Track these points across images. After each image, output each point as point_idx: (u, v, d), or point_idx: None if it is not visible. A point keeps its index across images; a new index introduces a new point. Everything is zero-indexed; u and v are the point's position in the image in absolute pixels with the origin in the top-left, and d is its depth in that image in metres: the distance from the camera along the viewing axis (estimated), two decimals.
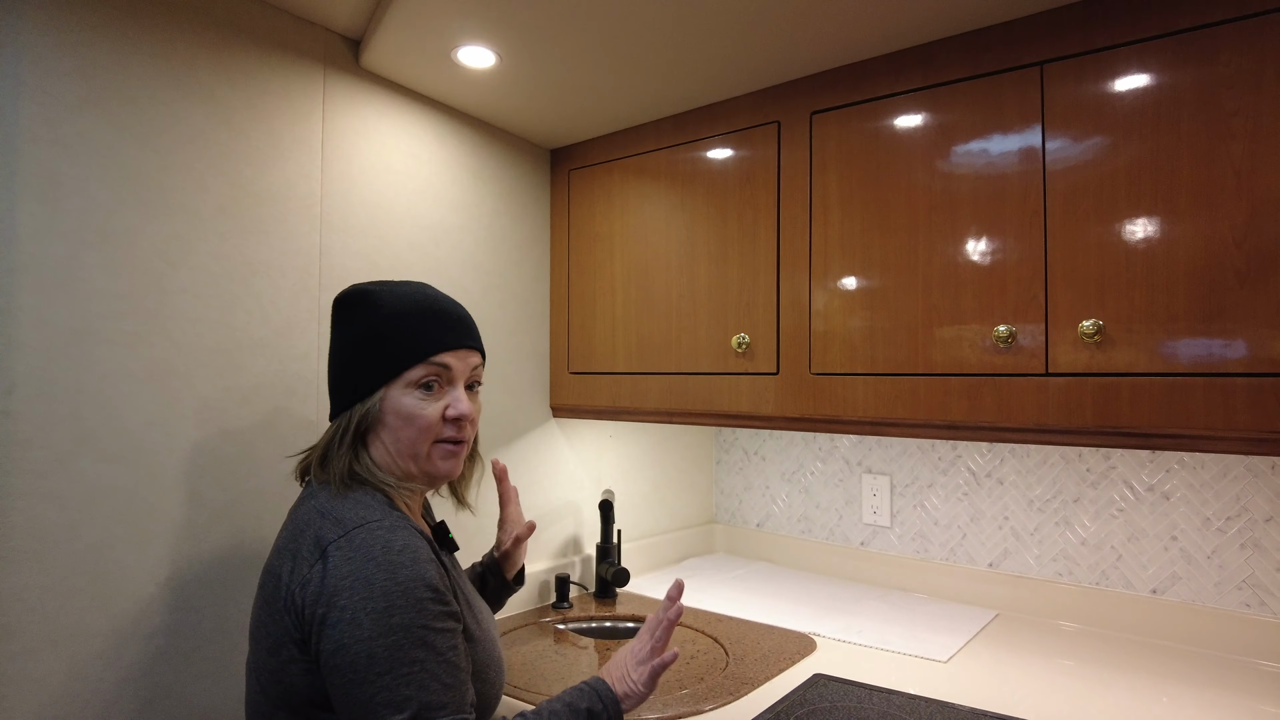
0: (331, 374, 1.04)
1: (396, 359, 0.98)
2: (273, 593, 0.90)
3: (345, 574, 0.85)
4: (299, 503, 0.99)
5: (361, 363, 0.99)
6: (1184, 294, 1.08)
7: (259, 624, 0.92)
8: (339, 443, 0.98)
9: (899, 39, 1.31)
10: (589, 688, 0.97)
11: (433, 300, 1.04)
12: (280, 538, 0.97)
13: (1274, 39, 1.03)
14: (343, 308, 1.04)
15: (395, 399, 0.99)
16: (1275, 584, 1.45)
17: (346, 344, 1.02)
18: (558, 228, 1.88)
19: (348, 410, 1.00)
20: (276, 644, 0.88)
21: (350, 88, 1.44)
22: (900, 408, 1.33)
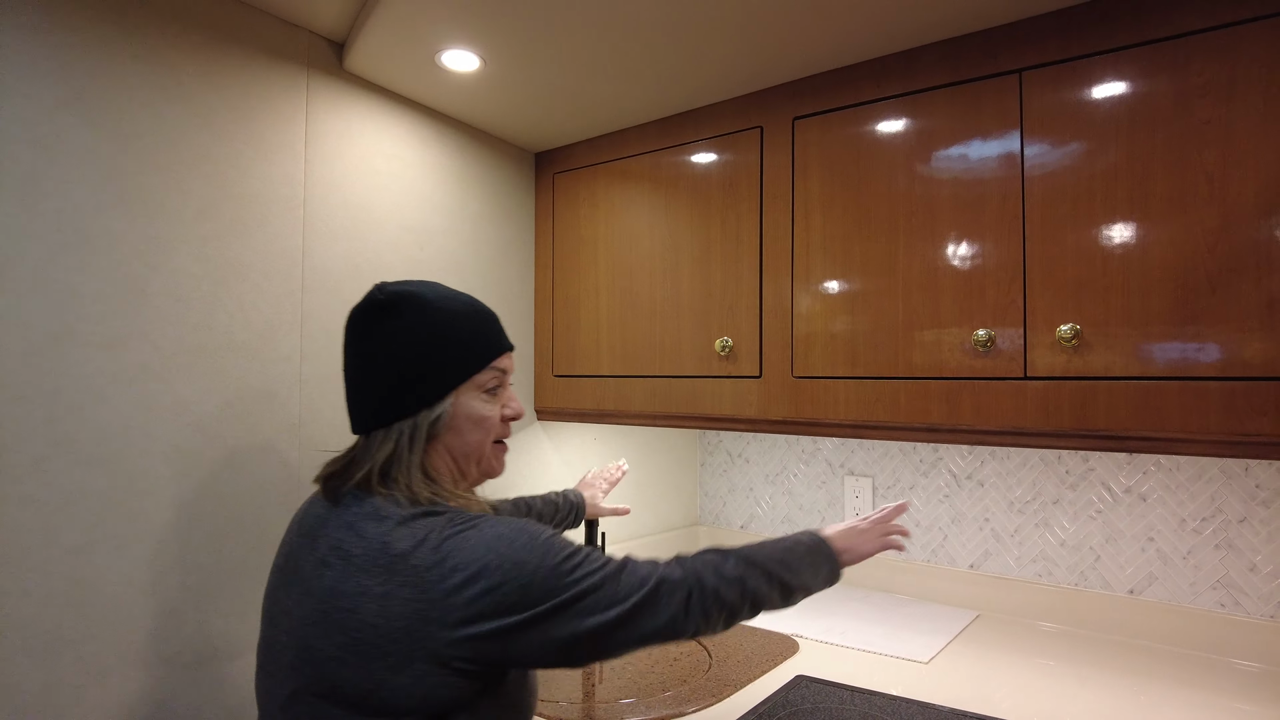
0: (379, 380, 0.95)
1: (466, 363, 0.96)
2: (378, 618, 0.81)
3: (487, 547, 0.83)
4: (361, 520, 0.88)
5: (426, 367, 0.94)
6: (1159, 298, 1.09)
7: (357, 651, 0.81)
8: (407, 452, 0.93)
9: (881, 46, 1.32)
10: (810, 537, 1.09)
11: (477, 302, 1.03)
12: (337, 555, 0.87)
13: (1245, 49, 1.05)
14: (388, 310, 0.96)
15: (467, 403, 0.97)
16: (1248, 584, 1.47)
17: (406, 348, 0.94)
18: (542, 231, 1.88)
19: (410, 417, 0.94)
20: (399, 664, 0.80)
21: (333, 90, 1.44)
22: (881, 410, 1.34)
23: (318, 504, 0.97)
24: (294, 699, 0.85)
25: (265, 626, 0.95)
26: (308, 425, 1.38)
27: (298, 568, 0.91)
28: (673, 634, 0.89)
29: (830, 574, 1.08)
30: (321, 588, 0.85)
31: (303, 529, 0.95)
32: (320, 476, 0.99)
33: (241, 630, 1.28)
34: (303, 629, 0.85)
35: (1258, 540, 1.47)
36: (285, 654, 0.87)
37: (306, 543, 0.92)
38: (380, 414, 0.94)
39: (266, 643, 0.93)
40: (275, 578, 0.96)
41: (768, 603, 0.98)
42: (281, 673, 0.87)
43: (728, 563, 0.95)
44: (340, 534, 0.88)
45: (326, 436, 1.41)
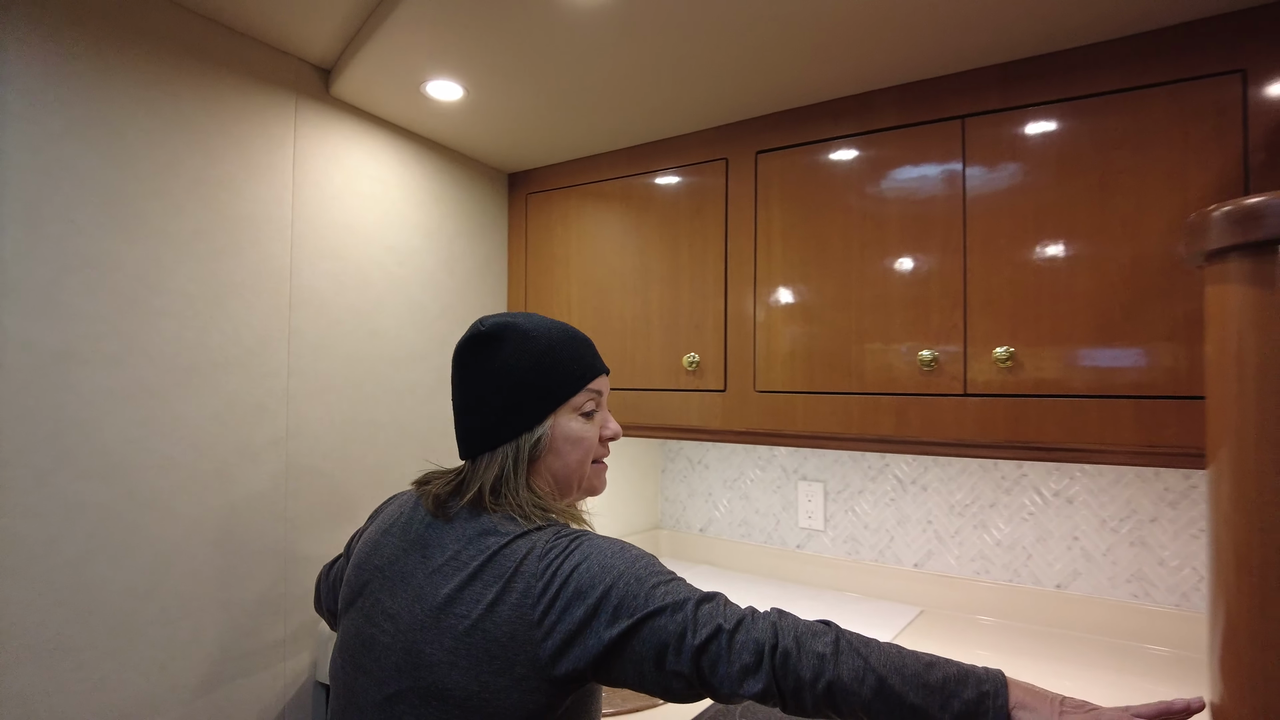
0: (485, 407, 1.01)
1: (563, 387, 1.02)
2: (489, 624, 0.87)
3: (584, 556, 0.89)
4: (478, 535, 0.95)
5: (528, 392, 1.00)
6: (1081, 325, 1.23)
7: (468, 656, 0.87)
8: (513, 473, 0.99)
9: (838, 88, 1.44)
10: (986, 671, 0.83)
11: (572, 328, 1.08)
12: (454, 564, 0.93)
13: (1155, 109, 1.19)
14: (489, 342, 1.02)
15: (565, 425, 1.03)
16: (1158, 577, 1.64)
17: (506, 375, 1.00)
18: (515, 249, 1.96)
19: (512, 441, 1.00)
20: (503, 668, 0.86)
21: (320, 115, 1.50)
22: (835, 423, 1.46)
23: (419, 513, 1.02)
24: (397, 698, 0.90)
25: (361, 624, 0.98)
26: (295, 437, 1.44)
27: (407, 574, 0.96)
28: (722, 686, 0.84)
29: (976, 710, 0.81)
30: (436, 595, 0.91)
31: (409, 536, 1.00)
32: (428, 492, 1.03)
33: (236, 637, 1.33)
34: (413, 633, 0.91)
35: (1166, 537, 1.63)
36: (389, 655, 0.92)
37: (417, 550, 0.98)
38: (486, 439, 1.01)
39: (363, 640, 0.97)
40: (374, 579, 1.00)
41: (855, 699, 0.81)
42: (384, 672, 0.92)
43: (823, 640, 0.84)
44: (457, 546, 0.94)
45: (313, 448, 1.47)
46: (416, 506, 1.04)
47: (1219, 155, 1.15)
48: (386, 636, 0.94)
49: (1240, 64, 1.14)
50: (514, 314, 1.06)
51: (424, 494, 1.03)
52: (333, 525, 1.51)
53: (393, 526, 1.04)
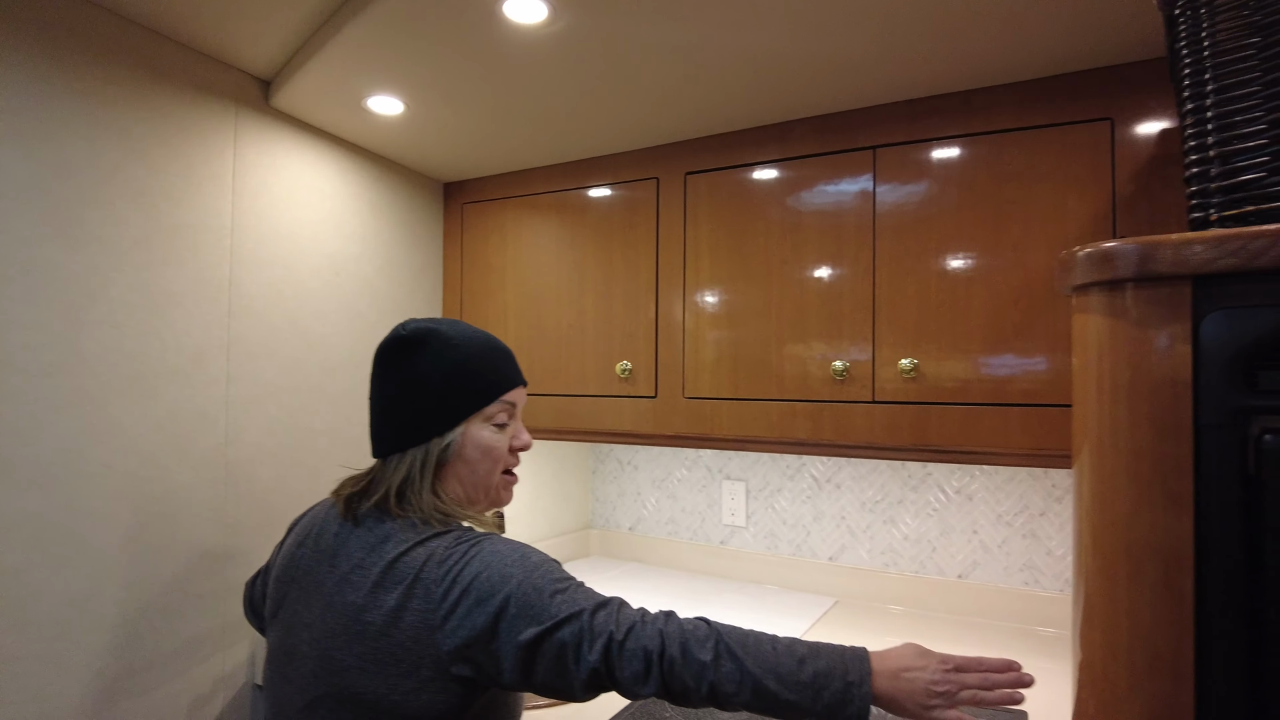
0: (400, 409, 1.03)
1: (479, 395, 1.05)
2: (393, 629, 0.90)
3: (484, 564, 0.91)
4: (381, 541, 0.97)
5: (443, 399, 1.03)
6: (978, 339, 1.37)
7: (375, 660, 0.90)
8: (419, 476, 1.01)
9: (760, 117, 1.55)
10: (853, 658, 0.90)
11: (494, 339, 1.10)
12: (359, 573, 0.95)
13: (1042, 148, 1.33)
14: (410, 346, 1.04)
15: (476, 434, 1.05)
16: (1046, 565, 1.80)
17: (423, 380, 1.03)
18: (450, 257, 2.01)
19: (422, 445, 1.02)
20: (408, 670, 0.89)
21: (260, 125, 1.52)
22: (757, 427, 1.56)
23: (333, 522, 1.04)
24: (316, 704, 0.93)
25: (282, 635, 1.01)
26: (234, 444, 1.46)
27: (318, 583, 0.99)
28: (629, 691, 0.89)
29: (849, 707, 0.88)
30: (344, 603, 0.94)
31: (320, 546, 1.03)
32: (341, 495, 1.06)
33: (175, 643, 1.35)
34: (325, 640, 0.94)
35: (1053, 529, 1.79)
36: (306, 663, 0.95)
37: (326, 560, 1.00)
38: (398, 440, 1.03)
39: (285, 650, 1.00)
40: (291, 590, 1.03)
41: (735, 700, 0.88)
42: (302, 680, 0.95)
43: (705, 646, 0.89)
44: (362, 554, 0.97)
45: (252, 455, 1.49)
46: (329, 516, 1.06)
47: (1093, 190, 1.30)
48: (304, 645, 0.96)
49: (1109, 113, 1.29)
50: (439, 320, 1.08)
51: (337, 499, 1.06)
52: (272, 530, 1.53)
53: (306, 538, 1.06)
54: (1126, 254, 0.76)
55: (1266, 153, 0.75)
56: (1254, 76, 0.76)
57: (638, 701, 1.33)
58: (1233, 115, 0.78)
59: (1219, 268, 0.71)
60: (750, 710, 0.89)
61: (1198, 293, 0.73)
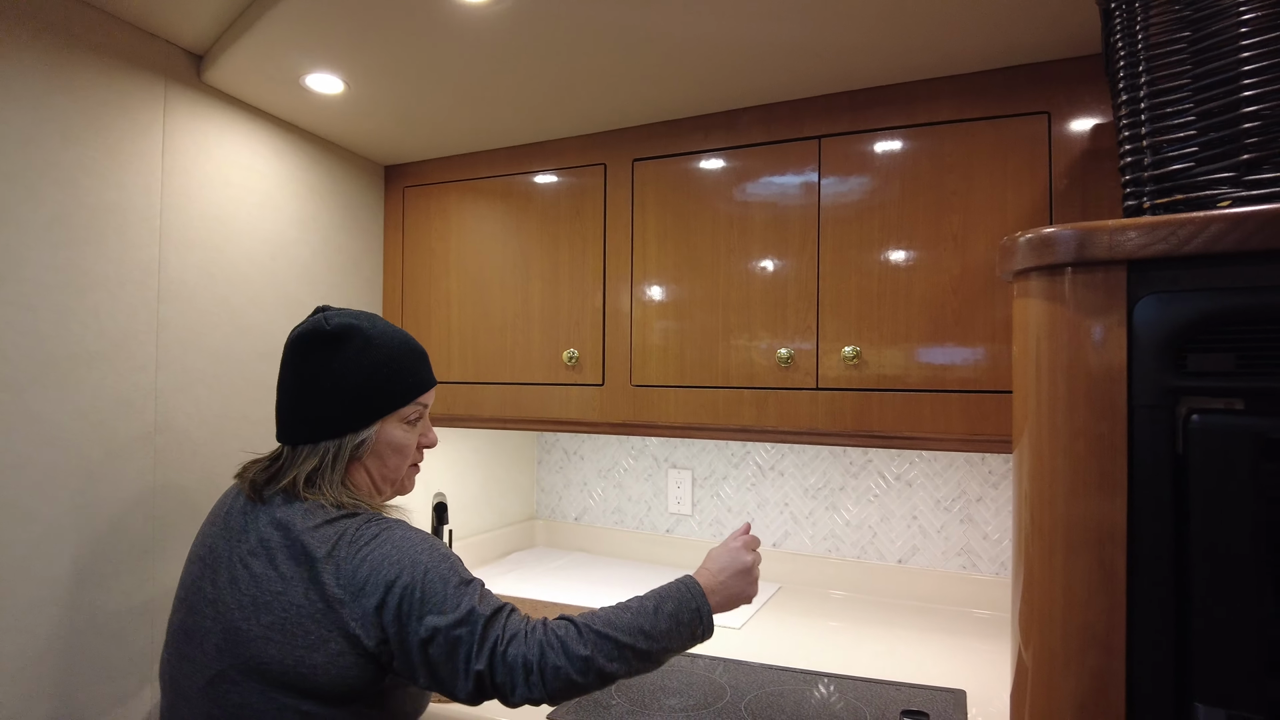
0: (314, 402, 1.05)
1: (396, 397, 1.08)
2: (302, 600, 0.93)
3: (395, 546, 0.96)
4: (290, 517, 0.99)
5: (360, 397, 1.05)
6: (918, 328, 1.39)
7: (283, 630, 0.92)
8: (330, 468, 1.04)
9: (707, 105, 1.55)
10: (688, 587, 1.04)
11: (411, 340, 1.14)
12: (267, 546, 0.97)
13: (981, 140, 1.36)
14: (332, 341, 1.06)
15: (389, 432, 1.09)
16: (983, 549, 1.85)
17: (342, 378, 1.05)
18: (391, 242, 1.96)
19: (336, 439, 1.05)
20: (317, 643, 0.92)
21: (191, 101, 1.46)
22: (703, 414, 1.57)
23: (239, 501, 1.06)
24: (219, 679, 0.94)
25: (184, 615, 1.02)
26: (164, 433, 1.40)
27: (224, 558, 1.00)
28: (508, 698, 0.94)
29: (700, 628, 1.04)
30: (250, 575, 0.96)
31: (228, 526, 1.04)
32: (245, 478, 1.07)
33: (99, 642, 1.29)
34: (230, 613, 0.96)
35: (989, 514, 1.85)
36: (210, 638, 0.96)
37: (232, 536, 1.02)
38: (310, 432, 1.06)
39: (185, 630, 1.00)
40: (196, 569, 1.04)
41: (620, 674, 0.97)
42: (206, 656, 0.96)
43: (581, 642, 0.96)
44: (268, 530, 1.00)
45: (183, 444, 1.43)
46: (236, 495, 1.09)
47: (1031, 182, 1.33)
48: (207, 621, 0.98)
49: (1047, 107, 1.32)
50: (358, 314, 1.10)
51: (242, 481, 1.08)
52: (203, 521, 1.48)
53: (215, 518, 1.08)
54: (1065, 239, 0.78)
55: (1195, 143, 0.78)
56: (1184, 70, 0.79)
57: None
58: (1164, 107, 0.80)
59: (1151, 253, 0.73)
60: (637, 674, 0.99)
61: (1132, 277, 0.75)
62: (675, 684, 1.38)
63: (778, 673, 1.44)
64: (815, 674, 1.43)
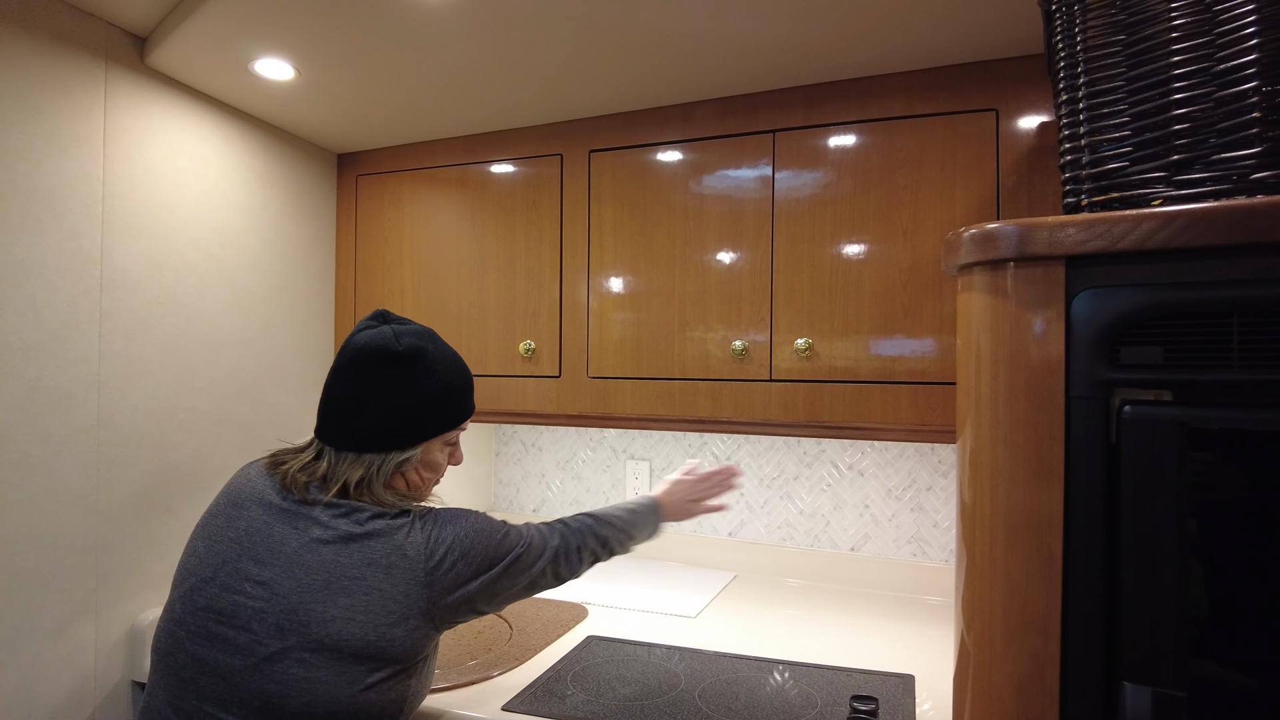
0: (368, 418, 1.08)
1: (445, 424, 1.14)
2: (380, 581, 1.02)
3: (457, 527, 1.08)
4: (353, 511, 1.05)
5: (415, 420, 1.10)
6: (868, 320, 1.42)
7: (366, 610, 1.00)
8: (374, 478, 1.08)
9: (664, 97, 1.55)
10: (650, 503, 1.39)
11: (464, 365, 1.19)
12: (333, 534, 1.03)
13: (931, 135, 1.39)
14: (400, 363, 1.09)
15: (432, 454, 1.15)
16: (933, 537, 1.90)
17: (402, 401, 1.09)
18: (344, 231, 1.93)
19: (382, 454, 1.09)
20: (399, 620, 1.02)
21: (135, 85, 1.42)
22: (660, 406, 1.58)
23: (276, 489, 1.08)
24: (281, 655, 0.98)
25: (214, 594, 1.02)
26: (107, 426, 1.37)
27: (276, 543, 1.03)
28: (569, 577, 1.21)
29: (656, 529, 1.39)
30: (321, 561, 1.01)
31: (269, 510, 1.06)
32: (285, 472, 1.08)
33: (40, 641, 1.26)
34: (298, 595, 1.00)
35: (939, 503, 1.89)
36: (265, 618, 0.99)
37: (284, 522, 1.04)
38: (358, 443, 1.08)
39: (218, 610, 1.01)
40: (228, 549, 1.04)
41: (615, 553, 1.30)
42: (258, 636, 0.99)
43: (600, 524, 1.27)
44: (331, 519, 1.04)
45: (128, 437, 1.40)
46: (269, 483, 1.09)
47: (979, 178, 1.36)
48: (257, 602, 1.00)
49: (994, 104, 1.35)
50: (422, 333, 1.14)
51: (282, 474, 1.09)
52: (151, 517, 1.45)
53: (245, 500, 1.08)
54: (1008, 235, 0.80)
55: (1129, 143, 0.80)
56: (1119, 72, 0.81)
57: (541, 676, 1.34)
58: (1101, 107, 0.83)
59: (1088, 249, 0.76)
60: (626, 548, 1.32)
61: (1070, 272, 0.77)
62: (630, 673, 1.40)
63: (732, 660, 1.46)
64: (769, 661, 1.46)
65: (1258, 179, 0.74)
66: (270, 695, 0.97)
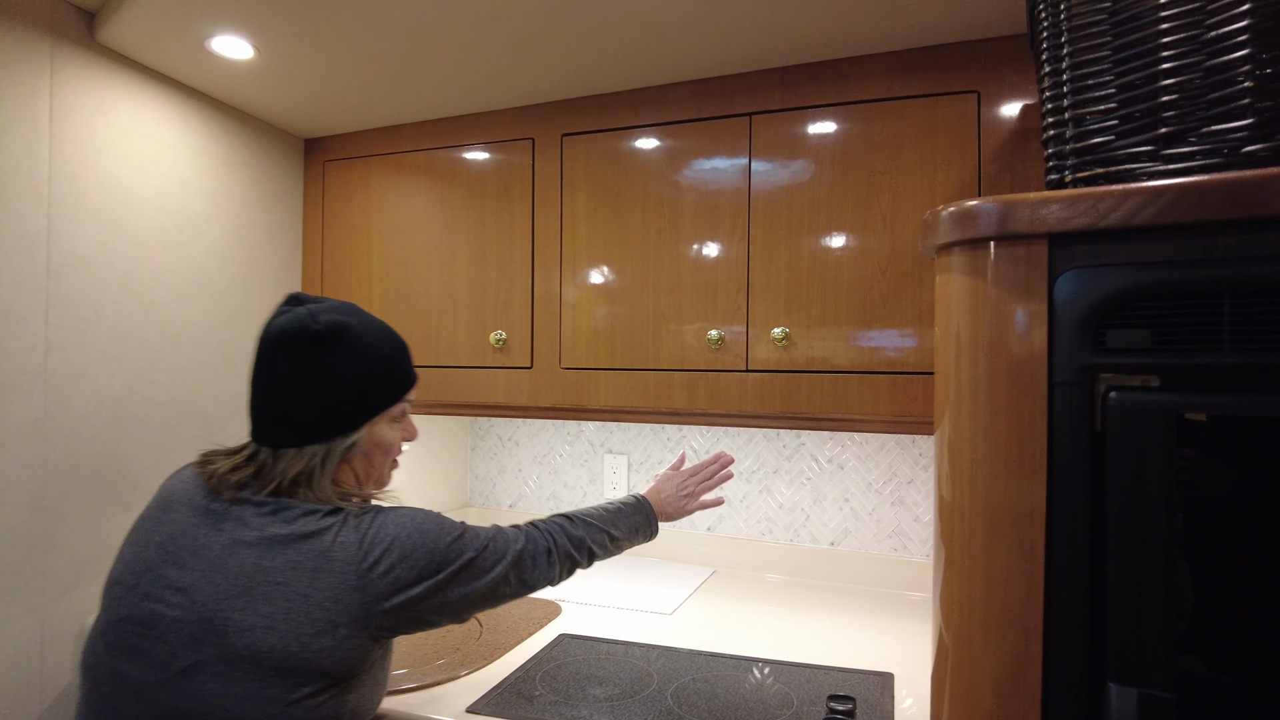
0: (301, 406, 1.00)
1: (386, 398, 1.06)
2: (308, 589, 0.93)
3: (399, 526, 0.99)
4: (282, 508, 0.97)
5: (351, 400, 1.02)
6: (846, 309, 1.38)
7: (287, 619, 0.92)
8: (318, 472, 1.00)
9: (638, 79, 1.50)
10: (636, 500, 1.32)
11: (394, 332, 1.10)
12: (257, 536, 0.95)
13: (911, 118, 1.35)
14: (321, 341, 1.00)
15: (379, 432, 1.07)
16: (914, 532, 1.86)
17: (333, 380, 1.01)
18: (311, 218, 1.87)
19: (324, 443, 1.01)
20: (325, 629, 0.93)
21: (84, 63, 1.36)
22: (634, 398, 1.53)
23: (205, 490, 1.00)
24: (196, 669, 0.90)
25: (134, 603, 0.95)
26: (55, 419, 1.31)
27: (199, 548, 0.96)
28: (538, 584, 1.11)
29: (650, 531, 1.33)
30: (241, 565, 0.93)
31: (199, 513, 0.98)
32: (214, 474, 1.00)
33: None
34: (216, 603, 0.92)
35: (920, 496, 1.86)
36: (180, 628, 0.92)
37: (209, 525, 0.97)
38: (296, 436, 1.00)
39: (137, 620, 0.94)
40: (152, 555, 0.97)
41: (599, 556, 1.22)
42: (173, 648, 0.91)
43: (574, 525, 1.19)
44: (259, 519, 0.96)
45: (78, 430, 1.34)
46: (199, 484, 1.02)
47: (960, 163, 1.32)
48: (175, 610, 0.93)
49: (975, 86, 1.31)
50: (342, 307, 1.05)
51: (209, 474, 1.01)
52: (104, 514, 1.39)
53: (174, 503, 1.01)
54: (987, 212, 0.76)
55: (1115, 115, 0.77)
56: (1105, 40, 0.77)
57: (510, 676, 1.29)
58: (1086, 79, 0.79)
59: (1072, 227, 0.72)
60: (610, 552, 1.24)
61: (1053, 252, 0.73)
62: (603, 672, 1.35)
63: (707, 659, 1.42)
64: (745, 659, 1.42)
65: (1249, 152, 0.70)
66: (185, 712, 0.90)
